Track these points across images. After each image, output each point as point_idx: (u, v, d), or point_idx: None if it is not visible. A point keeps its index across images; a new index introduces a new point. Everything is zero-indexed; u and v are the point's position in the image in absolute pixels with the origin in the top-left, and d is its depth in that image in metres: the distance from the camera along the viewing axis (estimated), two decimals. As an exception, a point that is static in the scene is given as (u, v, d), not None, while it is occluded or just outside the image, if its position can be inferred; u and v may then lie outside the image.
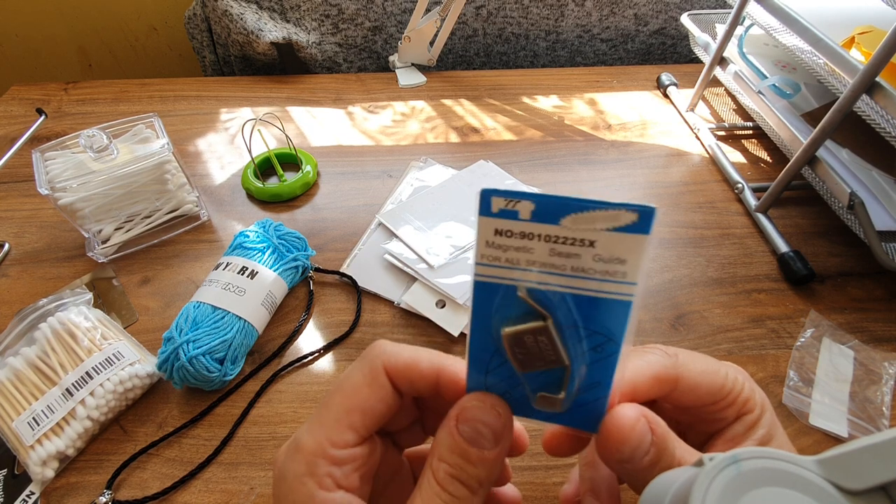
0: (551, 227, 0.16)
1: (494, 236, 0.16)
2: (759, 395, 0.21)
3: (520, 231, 0.16)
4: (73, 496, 0.35)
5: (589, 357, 0.17)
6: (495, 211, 0.16)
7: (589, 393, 0.18)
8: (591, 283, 0.16)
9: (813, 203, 0.58)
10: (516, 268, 0.17)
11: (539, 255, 0.16)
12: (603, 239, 0.16)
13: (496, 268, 0.17)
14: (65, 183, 0.45)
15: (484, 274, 0.17)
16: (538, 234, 0.16)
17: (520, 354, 0.18)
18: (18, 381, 0.37)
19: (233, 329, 0.40)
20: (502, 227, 0.16)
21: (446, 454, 0.18)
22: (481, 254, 0.17)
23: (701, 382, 0.20)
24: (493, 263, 0.17)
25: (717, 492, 0.13)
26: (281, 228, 0.48)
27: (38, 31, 0.84)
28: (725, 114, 0.71)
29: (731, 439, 0.20)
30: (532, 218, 0.16)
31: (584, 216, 0.15)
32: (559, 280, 0.17)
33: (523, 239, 0.16)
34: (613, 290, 0.16)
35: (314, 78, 0.77)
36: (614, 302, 0.16)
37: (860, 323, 0.47)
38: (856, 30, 0.54)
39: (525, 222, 0.16)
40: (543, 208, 0.16)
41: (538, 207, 0.16)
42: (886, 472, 0.12)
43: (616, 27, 0.86)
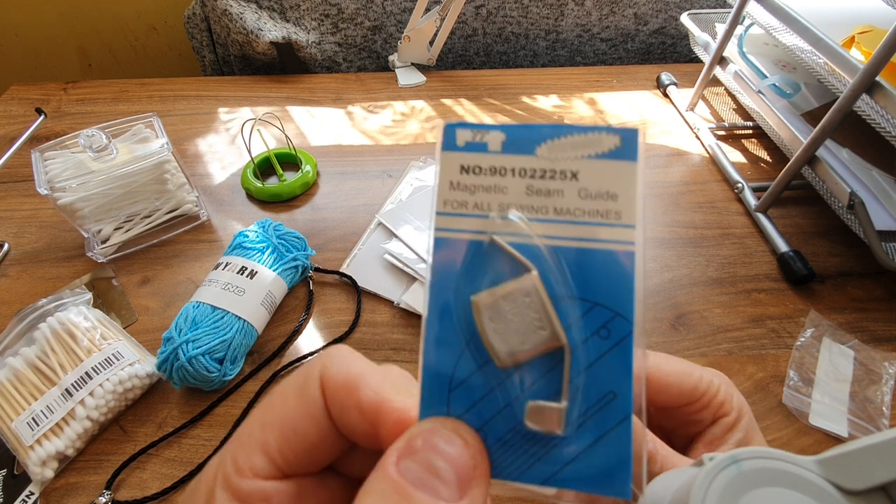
0: (526, 159, 0.14)
1: (460, 174, 0.14)
2: (736, 398, 0.21)
3: (490, 166, 0.14)
4: (72, 496, 0.35)
5: (593, 346, 0.13)
6: (461, 144, 0.14)
7: (602, 414, 0.13)
8: (581, 228, 0.13)
9: (813, 203, 0.58)
10: (487, 215, 0.14)
11: (514, 195, 0.14)
12: (586, 168, 0.13)
13: (462, 217, 0.14)
14: (64, 183, 0.45)
15: (447, 227, 0.14)
16: (512, 168, 0.14)
17: (498, 335, 0.13)
18: (18, 382, 0.37)
19: (232, 329, 0.40)
20: (469, 161, 0.14)
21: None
22: (444, 200, 0.14)
23: (672, 382, 0.20)
24: (459, 212, 0.14)
25: (717, 492, 0.13)
26: (280, 228, 0.48)
27: (38, 31, 0.84)
28: (725, 113, 0.71)
29: (710, 442, 0.20)
30: (503, 149, 0.14)
31: (562, 142, 0.13)
32: (541, 228, 0.14)
33: (494, 175, 0.14)
34: (609, 235, 0.13)
35: (314, 78, 0.77)
36: (613, 254, 0.13)
37: (860, 323, 0.47)
38: (856, 29, 0.54)
39: (496, 155, 0.14)
40: (516, 137, 0.14)
41: (510, 137, 0.14)
42: (886, 472, 0.12)
43: (616, 26, 0.86)
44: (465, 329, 0.13)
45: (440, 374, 0.14)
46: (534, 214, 0.14)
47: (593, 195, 0.13)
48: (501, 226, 0.14)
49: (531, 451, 0.13)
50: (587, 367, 0.13)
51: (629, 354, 0.13)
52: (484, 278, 0.13)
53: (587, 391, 0.13)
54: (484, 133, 0.14)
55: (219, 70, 0.84)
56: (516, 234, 0.13)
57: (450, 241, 0.14)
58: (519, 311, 0.13)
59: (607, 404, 0.13)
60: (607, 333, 0.13)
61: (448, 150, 0.14)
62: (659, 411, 0.21)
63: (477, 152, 0.14)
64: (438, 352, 0.14)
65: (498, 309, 0.13)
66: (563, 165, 0.13)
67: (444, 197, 0.14)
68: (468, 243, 0.14)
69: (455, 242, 0.14)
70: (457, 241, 0.14)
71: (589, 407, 0.13)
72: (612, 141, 0.13)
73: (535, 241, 0.13)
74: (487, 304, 0.13)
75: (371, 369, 0.15)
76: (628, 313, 0.13)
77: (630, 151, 0.13)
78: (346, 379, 0.14)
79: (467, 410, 0.13)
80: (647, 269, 0.51)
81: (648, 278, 0.50)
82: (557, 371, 0.13)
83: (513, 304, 0.13)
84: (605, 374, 0.13)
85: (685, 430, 0.21)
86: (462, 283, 0.14)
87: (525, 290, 0.13)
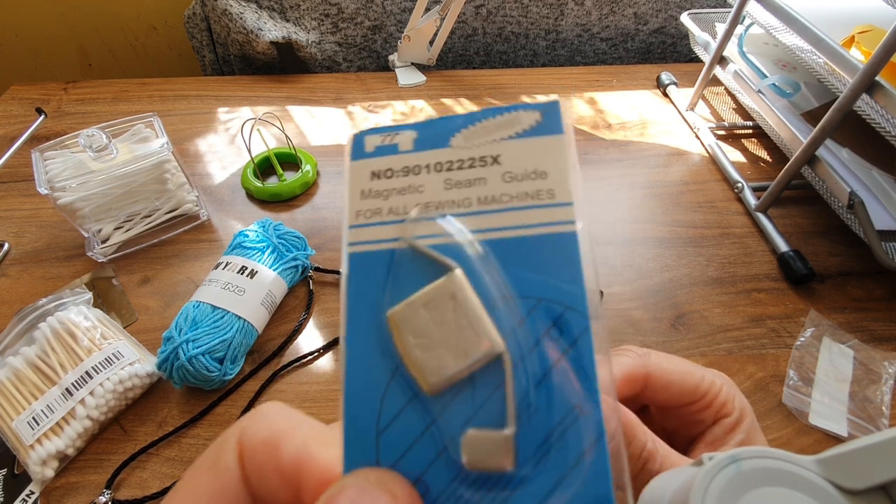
0: (441, 152, 0.12)
1: (371, 181, 0.13)
2: (738, 400, 0.20)
3: (402, 166, 0.13)
4: (72, 496, 0.35)
5: (544, 352, 0.11)
6: (370, 150, 0.13)
7: (567, 437, 0.10)
8: (511, 215, 0.12)
9: (813, 203, 0.58)
10: (404, 219, 0.12)
11: (432, 193, 0.12)
12: (508, 150, 0.12)
13: (377, 227, 0.12)
14: (64, 182, 0.45)
15: (361, 240, 0.12)
16: (426, 164, 0.12)
17: (422, 352, 0.11)
18: (18, 381, 0.37)
19: (232, 328, 0.40)
20: (380, 166, 0.13)
21: None
22: (355, 211, 0.13)
23: (673, 381, 0.20)
24: (373, 222, 0.12)
25: (717, 491, 0.13)
26: (280, 228, 0.48)
27: (38, 31, 0.84)
28: (725, 113, 0.71)
29: (711, 442, 0.20)
30: (416, 147, 0.13)
31: (477, 128, 0.12)
32: (468, 223, 0.12)
33: (408, 175, 0.12)
34: (543, 218, 0.11)
35: (314, 77, 0.77)
36: (551, 238, 0.11)
37: (860, 322, 0.47)
38: (856, 29, 0.54)
39: (408, 154, 0.13)
40: (427, 133, 0.13)
41: (421, 134, 0.13)
42: (886, 472, 0.12)
43: (616, 26, 0.86)
44: (388, 356, 0.11)
45: (364, 416, 0.11)
46: (456, 209, 0.12)
47: (520, 177, 0.12)
48: (419, 228, 0.12)
49: (486, 499, 0.10)
50: (540, 379, 0.10)
51: (590, 354, 0.10)
52: (406, 291, 0.11)
53: (543, 410, 0.10)
54: (394, 135, 0.13)
55: (219, 70, 0.84)
56: (437, 235, 0.12)
57: (366, 255, 0.12)
58: (443, 321, 0.11)
59: (571, 424, 0.10)
60: (558, 333, 0.11)
61: (357, 159, 0.13)
62: (660, 411, 0.21)
63: (388, 155, 0.13)
64: (360, 388, 0.11)
65: (418, 321, 0.11)
66: (482, 151, 0.12)
67: (356, 208, 0.12)
68: (386, 254, 0.12)
69: (371, 256, 0.12)
70: (373, 255, 0.12)
71: (550, 431, 0.10)
72: (532, 117, 0.12)
73: (458, 239, 0.12)
74: (404, 316, 0.11)
75: (302, 424, 0.12)
76: (580, 304, 0.11)
77: (553, 125, 0.12)
78: (267, 438, 0.12)
79: (401, 457, 0.11)
80: (645, 268, 0.51)
81: (647, 278, 0.50)
82: (495, 375, 0.11)
83: (435, 311, 0.11)
84: (564, 385, 0.10)
85: (686, 431, 0.21)
86: (382, 301, 0.12)
87: (448, 293, 0.11)
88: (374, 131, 0.13)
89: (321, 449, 0.12)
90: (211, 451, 0.13)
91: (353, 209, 0.13)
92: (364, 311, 0.12)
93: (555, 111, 0.12)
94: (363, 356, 0.11)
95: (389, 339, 0.11)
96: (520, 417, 0.10)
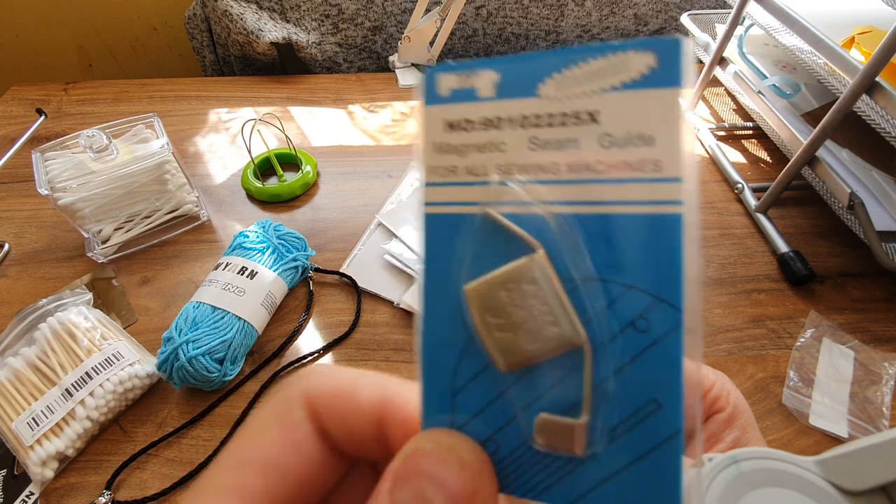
0: (527, 102, 0.11)
1: (446, 133, 0.11)
2: (734, 396, 0.20)
3: (482, 117, 0.11)
4: (72, 496, 0.35)
5: (627, 342, 0.10)
6: (445, 94, 0.11)
7: (641, 429, 0.10)
8: (606, 188, 0.10)
9: (813, 203, 0.58)
10: (484, 181, 0.11)
11: (515, 153, 0.11)
12: (609, 105, 0.10)
13: (455, 187, 0.11)
14: (65, 183, 0.45)
15: (438, 201, 0.11)
16: (509, 117, 0.11)
17: (498, 333, 0.11)
18: (18, 382, 0.37)
19: (232, 329, 0.40)
20: (457, 115, 0.11)
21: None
22: (430, 167, 0.11)
23: None
24: (449, 181, 0.11)
25: (717, 492, 0.13)
26: (281, 228, 0.48)
27: (39, 32, 0.84)
28: (725, 114, 0.71)
29: (706, 439, 0.20)
30: (497, 94, 0.11)
31: (573, 73, 0.10)
32: (553, 192, 0.10)
33: (488, 129, 0.11)
34: (645, 195, 0.10)
35: (314, 78, 0.77)
36: (652, 219, 0.10)
37: (860, 323, 0.47)
38: (856, 30, 0.54)
39: (488, 102, 0.11)
40: (512, 75, 0.11)
41: (505, 76, 0.11)
42: (886, 473, 0.12)
43: (616, 27, 0.86)
44: (463, 325, 0.11)
45: (440, 377, 0.11)
46: (542, 175, 0.10)
47: (621, 141, 0.10)
48: (499, 194, 0.11)
49: (552, 466, 0.10)
50: (619, 369, 0.10)
51: (678, 352, 0.10)
52: (484, 263, 0.11)
53: (620, 399, 0.10)
54: (472, 75, 0.11)
55: (219, 70, 0.84)
56: (519, 203, 0.11)
57: (442, 217, 0.11)
58: (522, 304, 0.10)
59: (647, 416, 0.10)
60: (646, 325, 0.10)
61: (431, 104, 0.11)
62: None
63: (465, 102, 0.11)
64: (436, 352, 0.11)
65: (496, 301, 0.11)
66: (577, 105, 0.10)
67: (431, 163, 0.11)
68: (462, 218, 0.11)
69: (447, 219, 0.11)
70: (449, 218, 0.11)
71: (623, 419, 0.10)
72: (644, 62, 0.10)
73: (541, 211, 0.10)
74: (482, 294, 0.11)
75: (355, 373, 0.13)
76: (675, 298, 0.10)
77: (670, 74, 0.09)
78: (339, 387, 0.13)
79: (474, 417, 0.11)
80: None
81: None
82: (580, 373, 0.10)
83: (514, 294, 0.11)
84: (645, 378, 0.10)
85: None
86: (459, 269, 0.11)
87: (528, 276, 0.10)
88: (448, 68, 0.11)
89: (398, 388, 0.13)
90: (272, 410, 0.13)
91: (428, 164, 0.11)
92: (441, 276, 0.11)
93: (674, 53, 0.09)
94: (440, 321, 0.11)
95: (465, 310, 0.11)
96: (595, 405, 0.10)
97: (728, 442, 0.19)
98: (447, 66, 0.11)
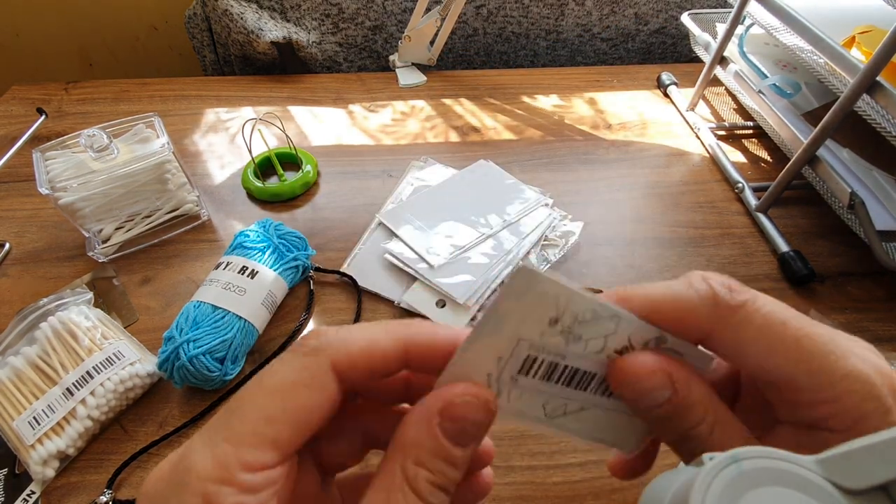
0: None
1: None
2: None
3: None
4: (73, 496, 0.35)
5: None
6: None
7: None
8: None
9: (813, 203, 0.58)
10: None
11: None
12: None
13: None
14: (65, 182, 0.45)
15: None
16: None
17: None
18: (19, 381, 0.37)
19: (233, 328, 0.40)
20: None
21: (426, 457, 0.15)
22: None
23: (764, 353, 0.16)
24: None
25: (718, 491, 0.13)
26: (281, 228, 0.48)
27: (38, 31, 0.84)
28: (726, 113, 0.71)
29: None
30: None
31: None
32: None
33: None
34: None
35: (314, 77, 0.77)
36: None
37: (860, 323, 0.47)
38: (856, 29, 0.54)
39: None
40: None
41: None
42: (886, 472, 0.12)
43: (616, 26, 0.86)
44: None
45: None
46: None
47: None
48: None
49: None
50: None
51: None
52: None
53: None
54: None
55: (219, 70, 0.84)
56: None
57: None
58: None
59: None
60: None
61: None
62: (762, 389, 0.17)
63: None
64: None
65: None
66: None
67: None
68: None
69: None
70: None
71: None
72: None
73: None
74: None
75: (364, 328, 0.16)
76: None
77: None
78: (362, 349, 0.16)
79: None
80: (645, 268, 0.51)
81: (650, 277, 0.50)
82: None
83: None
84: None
85: (798, 413, 0.16)
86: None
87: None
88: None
89: (413, 329, 0.17)
90: (301, 374, 0.15)
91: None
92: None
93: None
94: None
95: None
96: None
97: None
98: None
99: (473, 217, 0.53)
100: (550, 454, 0.38)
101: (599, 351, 0.17)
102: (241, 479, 0.13)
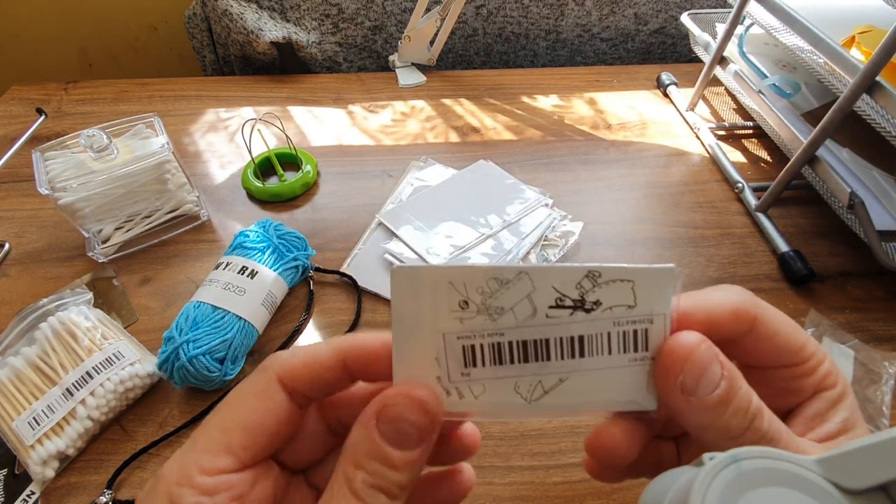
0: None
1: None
2: (842, 375, 0.18)
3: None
4: (73, 496, 0.35)
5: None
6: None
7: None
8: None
9: (813, 203, 0.58)
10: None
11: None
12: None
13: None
14: (65, 183, 0.45)
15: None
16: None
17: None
18: (19, 381, 0.37)
19: (233, 329, 0.40)
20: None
21: (363, 459, 0.15)
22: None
23: (780, 331, 0.18)
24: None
25: (718, 491, 0.13)
26: (281, 228, 0.48)
27: (39, 32, 0.84)
28: (725, 113, 0.71)
29: (812, 418, 0.18)
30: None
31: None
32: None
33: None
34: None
35: (314, 77, 0.77)
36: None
37: (860, 323, 0.47)
38: (856, 29, 0.54)
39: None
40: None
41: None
42: (886, 472, 0.12)
43: (616, 26, 0.86)
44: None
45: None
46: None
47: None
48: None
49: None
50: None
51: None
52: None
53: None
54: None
55: (219, 70, 0.84)
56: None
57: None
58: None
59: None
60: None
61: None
62: (751, 372, 0.18)
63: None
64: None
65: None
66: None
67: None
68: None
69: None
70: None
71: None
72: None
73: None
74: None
75: (312, 345, 0.18)
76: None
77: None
78: (303, 361, 0.17)
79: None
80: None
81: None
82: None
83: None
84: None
85: (779, 400, 0.18)
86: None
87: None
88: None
89: (350, 340, 0.18)
90: (250, 388, 0.17)
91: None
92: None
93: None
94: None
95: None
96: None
97: (837, 422, 0.17)
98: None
99: (473, 217, 0.53)
100: (550, 454, 0.38)
101: (532, 314, 0.16)
102: (198, 482, 0.15)
